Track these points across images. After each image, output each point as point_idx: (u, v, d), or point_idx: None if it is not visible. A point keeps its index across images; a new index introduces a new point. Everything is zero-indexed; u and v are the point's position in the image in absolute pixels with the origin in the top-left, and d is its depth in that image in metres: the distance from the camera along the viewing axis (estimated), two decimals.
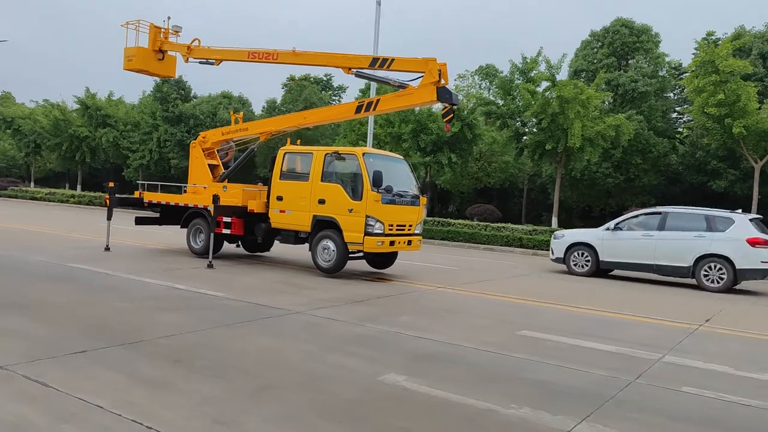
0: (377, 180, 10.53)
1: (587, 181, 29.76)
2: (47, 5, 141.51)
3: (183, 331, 6.16)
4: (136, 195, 14.23)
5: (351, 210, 10.79)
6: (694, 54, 21.94)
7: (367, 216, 10.65)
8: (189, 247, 13.06)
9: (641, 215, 14.45)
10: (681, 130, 33.56)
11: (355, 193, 10.83)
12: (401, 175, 11.86)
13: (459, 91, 38.57)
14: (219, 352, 5.53)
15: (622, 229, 14.22)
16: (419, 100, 11.48)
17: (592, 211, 33.38)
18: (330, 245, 11.06)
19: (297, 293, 9.12)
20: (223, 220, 12.20)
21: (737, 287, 13.35)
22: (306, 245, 11.67)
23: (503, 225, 22.59)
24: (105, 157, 43.54)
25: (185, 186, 13.98)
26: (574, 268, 14.60)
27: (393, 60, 11.34)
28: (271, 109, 40.89)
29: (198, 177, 13.62)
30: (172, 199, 13.51)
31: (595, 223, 30.19)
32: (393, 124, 28.54)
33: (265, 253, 14.25)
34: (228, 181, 13.41)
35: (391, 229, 11.03)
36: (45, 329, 5.94)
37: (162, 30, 14.30)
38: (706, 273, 13.01)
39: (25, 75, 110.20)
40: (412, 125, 28.00)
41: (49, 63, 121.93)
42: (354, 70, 11.85)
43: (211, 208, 11.57)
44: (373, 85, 21.40)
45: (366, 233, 10.64)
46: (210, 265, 11.19)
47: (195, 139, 14.15)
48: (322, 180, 11.23)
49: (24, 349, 5.15)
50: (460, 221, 24.56)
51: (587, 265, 14.38)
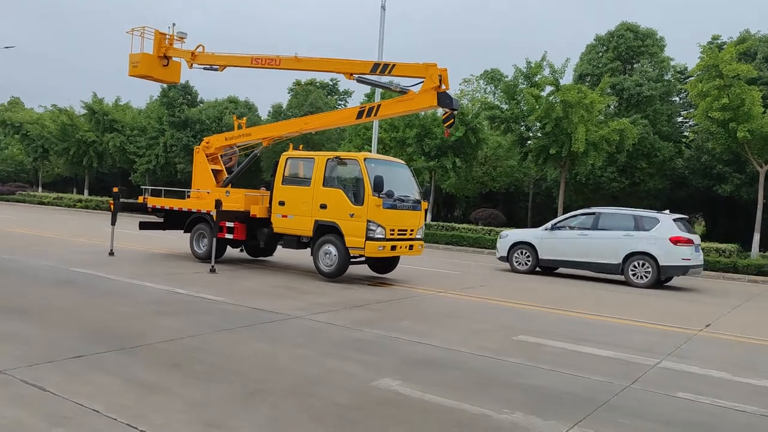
0: (378, 185, 10.58)
1: (592, 186, 29.66)
2: (47, 5, 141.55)
3: (182, 336, 6.22)
4: (140, 200, 14.34)
5: (352, 215, 10.83)
6: (700, 58, 21.82)
7: (369, 221, 10.69)
8: (192, 252, 13.13)
9: (577, 215, 15.31)
10: (687, 134, 33.40)
11: (357, 198, 10.88)
12: (403, 180, 11.89)
13: (464, 96, 38.52)
14: (216, 356, 5.58)
15: (560, 229, 15.05)
16: (420, 105, 11.53)
17: None
18: (332, 250, 11.11)
19: (297, 298, 9.16)
20: (226, 224, 12.28)
21: (671, 284, 14.40)
22: (308, 250, 11.73)
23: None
24: (112, 162, 43.81)
25: (189, 191, 14.07)
26: (516, 266, 15.30)
27: (394, 66, 11.40)
28: (277, 114, 40.97)
29: (201, 182, 13.71)
30: (175, 204, 13.60)
31: None
32: (398, 128, 28.57)
33: (268, 258, 14.31)
34: (231, 186, 13.48)
35: (393, 234, 11.06)
36: (45, 333, 6.01)
37: (167, 36, 14.42)
38: (633, 270, 13.77)
39: (25, 76, 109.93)
40: (416, 130, 28.01)
41: (49, 63, 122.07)
42: (355, 75, 11.91)
43: (214, 213, 11.65)
44: (378, 90, 21.46)
45: (367, 238, 10.69)
46: (212, 270, 11.25)
47: (199, 145, 14.25)
48: (323, 185, 11.29)
49: (23, 354, 5.21)
50: (464, 225, 24.56)
51: (528, 263, 15.15)
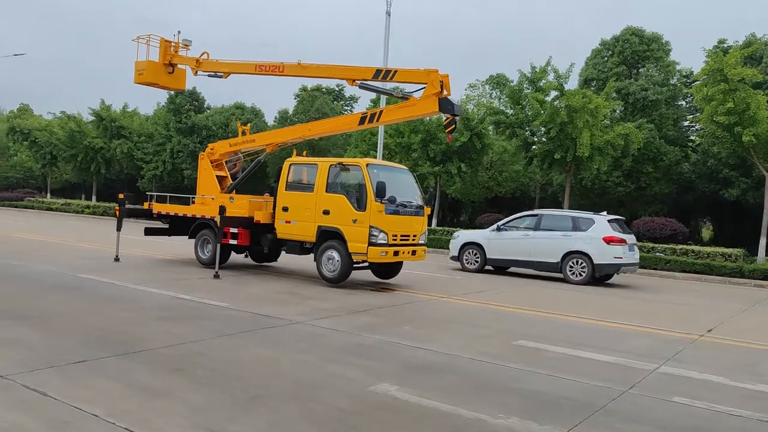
0: (380, 190, 10.63)
1: (598, 190, 29.58)
2: (47, 6, 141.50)
3: (184, 341, 6.28)
4: (145, 206, 14.46)
5: (355, 220, 10.89)
6: (704, 62, 21.78)
7: (371, 226, 10.74)
8: (197, 258, 13.22)
9: (522, 217, 16.22)
10: (693, 138, 33.28)
11: (359, 204, 10.93)
12: (405, 186, 11.94)
13: (470, 101, 38.53)
14: (218, 361, 5.64)
15: (506, 230, 15.87)
16: (421, 111, 11.59)
17: None
18: (334, 255, 11.16)
19: (300, 303, 9.21)
20: (230, 230, 12.35)
21: (612, 282, 15.37)
22: (312, 255, 11.79)
23: None
24: (119, 168, 44.10)
25: (193, 197, 14.17)
26: (466, 265, 16.11)
27: (396, 71, 11.47)
28: (283, 120, 41.13)
29: (206, 188, 13.81)
30: (180, 210, 13.71)
31: None
32: (403, 134, 28.63)
33: (273, 264, 14.38)
34: (236, 192, 13.58)
35: (395, 240, 11.11)
36: (47, 339, 6.08)
37: (172, 44, 14.56)
38: (570, 268, 14.58)
39: (26, 77, 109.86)
40: (421, 135, 28.05)
41: (49, 64, 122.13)
42: (358, 81, 11.99)
43: (218, 219, 11.74)
44: (384, 96, 21.51)
45: (370, 243, 10.73)
46: (216, 276, 11.32)
47: (203, 151, 14.37)
48: (326, 191, 11.36)
49: (25, 359, 5.29)
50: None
51: (477, 262, 15.94)
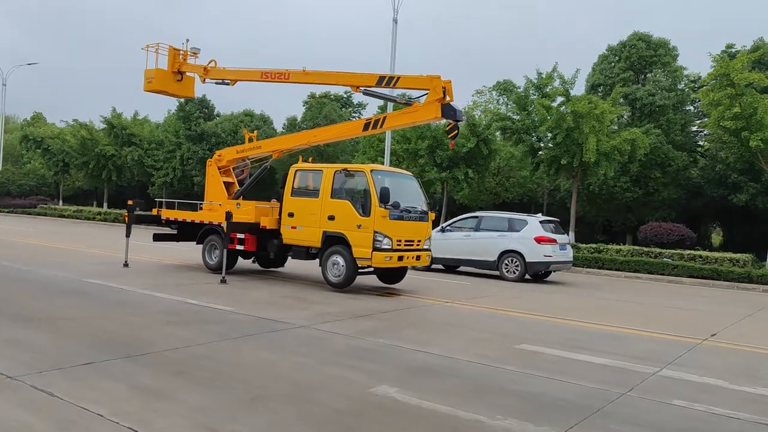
0: (384, 196, 10.74)
1: (605, 196, 29.52)
2: (47, 6, 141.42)
3: (189, 344, 6.38)
4: (153, 212, 14.63)
5: (360, 226, 10.99)
6: (711, 67, 21.78)
7: (375, 232, 10.84)
8: (204, 263, 13.36)
9: (464, 219, 17.24)
10: (701, 143, 33.16)
11: (364, 209, 11.03)
12: (410, 191, 12.04)
13: (477, 107, 38.66)
14: (221, 364, 5.74)
15: (450, 231, 16.82)
16: (424, 117, 11.69)
17: (613, 226, 32.99)
18: (339, 260, 11.26)
19: (304, 308, 9.31)
20: (237, 236, 12.49)
21: (548, 279, 16.50)
22: (317, 261, 11.89)
23: None
24: (130, 175, 44.53)
25: (201, 203, 14.34)
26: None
27: (399, 78, 11.59)
28: (292, 127, 41.40)
29: (213, 194, 13.97)
30: (188, 216, 13.87)
31: (615, 238, 30.03)
32: (410, 140, 28.75)
33: (279, 269, 14.49)
34: (243, 198, 13.72)
35: (400, 245, 11.20)
36: (55, 342, 6.21)
37: (180, 52, 14.73)
38: (506, 266, 15.64)
39: (39, 86, 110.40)
40: (428, 141, 28.15)
41: (62, 73, 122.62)
42: (361, 88, 12.11)
43: (225, 224, 11.87)
44: (390, 103, 21.66)
45: (374, 249, 10.83)
46: (223, 281, 11.45)
47: (211, 158, 14.53)
48: (331, 197, 11.47)
49: (33, 361, 5.42)
50: None
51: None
